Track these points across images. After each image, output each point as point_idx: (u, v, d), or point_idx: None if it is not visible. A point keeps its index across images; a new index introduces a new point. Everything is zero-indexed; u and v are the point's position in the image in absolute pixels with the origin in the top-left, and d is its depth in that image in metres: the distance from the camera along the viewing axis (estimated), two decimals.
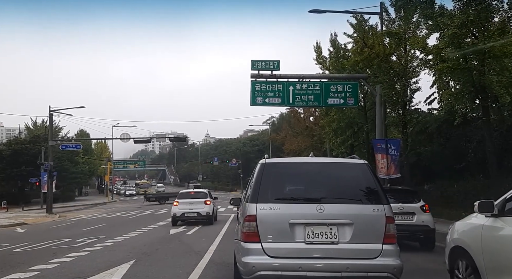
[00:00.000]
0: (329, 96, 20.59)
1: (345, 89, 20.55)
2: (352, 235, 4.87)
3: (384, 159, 18.36)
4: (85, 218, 28.56)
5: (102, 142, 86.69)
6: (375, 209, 4.97)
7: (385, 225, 4.91)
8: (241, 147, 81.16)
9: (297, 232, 4.90)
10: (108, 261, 8.87)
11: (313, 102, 21.05)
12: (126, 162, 73.94)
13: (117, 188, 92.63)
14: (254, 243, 4.91)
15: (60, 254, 10.29)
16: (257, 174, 5.36)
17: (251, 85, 20.84)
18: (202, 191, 19.84)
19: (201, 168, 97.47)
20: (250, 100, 20.93)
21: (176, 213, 18.02)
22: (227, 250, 9.61)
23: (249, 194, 5.32)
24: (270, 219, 4.95)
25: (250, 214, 4.99)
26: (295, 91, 20.73)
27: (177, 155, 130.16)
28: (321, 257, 4.84)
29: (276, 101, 20.85)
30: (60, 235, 16.06)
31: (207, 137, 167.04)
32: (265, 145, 73.13)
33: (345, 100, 20.58)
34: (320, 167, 5.65)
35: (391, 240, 4.93)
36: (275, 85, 20.76)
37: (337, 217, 4.92)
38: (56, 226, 22.20)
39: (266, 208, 4.97)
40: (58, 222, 25.12)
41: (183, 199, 18.44)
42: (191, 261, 8.68)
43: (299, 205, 5.08)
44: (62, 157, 60.18)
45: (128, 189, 78.82)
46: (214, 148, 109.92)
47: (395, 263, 4.82)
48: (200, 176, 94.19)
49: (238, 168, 70.94)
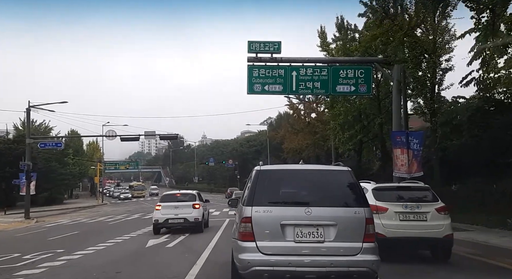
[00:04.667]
0: (338, 83, 17.84)
1: (357, 74, 17.79)
2: (336, 234, 5.35)
3: (404, 154, 15.55)
4: (63, 223, 25.68)
5: (94, 142, 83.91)
6: (357, 212, 5.46)
7: (365, 226, 5.40)
8: (238, 148, 78.28)
9: (288, 232, 5.38)
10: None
11: (320, 90, 18.24)
12: (118, 163, 70.45)
13: (110, 190, 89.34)
14: (249, 242, 5.37)
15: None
16: (252, 179, 5.84)
17: (247, 70, 18.04)
18: (190, 193, 16.85)
19: (196, 169, 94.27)
20: (247, 88, 18.15)
21: (158, 219, 15.06)
22: (216, 276, 7.17)
23: (245, 198, 5.80)
24: (263, 221, 5.40)
25: (246, 216, 5.45)
26: (299, 77, 17.97)
27: (172, 156, 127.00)
28: (308, 254, 5.30)
29: (277, 89, 18.05)
30: (14, 246, 13.22)
31: (204, 139, 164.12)
32: (263, 145, 70.32)
33: (357, 88, 17.83)
34: (308, 174, 6.17)
35: (370, 239, 5.40)
36: (275, 71, 17.98)
37: (323, 218, 5.40)
38: (23, 233, 19.27)
39: (260, 211, 5.44)
40: (29, 229, 22.20)
41: (167, 202, 15.51)
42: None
43: (290, 208, 5.53)
44: (50, 158, 57.29)
45: (123, 192, 74.21)
46: (211, 149, 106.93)
47: (374, 259, 5.31)
48: (196, 177, 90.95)
49: (235, 169, 68.09)
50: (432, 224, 8.36)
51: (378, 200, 8.61)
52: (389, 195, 8.89)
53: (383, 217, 8.36)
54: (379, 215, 8.21)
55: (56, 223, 26.17)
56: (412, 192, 9.10)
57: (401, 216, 8.42)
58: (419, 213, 8.44)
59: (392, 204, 8.57)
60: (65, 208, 48.02)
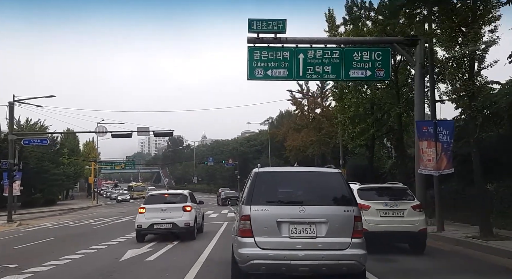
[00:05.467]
0: (351, 67, 15.59)
1: (373, 57, 15.54)
2: (327, 231, 5.81)
3: (432, 147, 13.22)
4: (46, 226, 23.41)
5: (91, 142, 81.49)
6: (346, 210, 5.94)
7: (353, 223, 5.87)
8: (238, 147, 75.88)
9: (283, 229, 5.84)
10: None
11: (330, 75, 15.95)
12: (114, 163, 68.00)
13: (107, 191, 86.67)
14: (248, 237, 5.83)
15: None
16: (251, 180, 6.34)
17: (248, 53, 15.79)
18: (180, 193, 14.36)
19: (196, 169, 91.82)
20: (247, 73, 15.88)
21: (141, 224, 12.66)
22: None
23: (244, 198, 6.27)
24: (261, 218, 5.87)
25: (245, 214, 5.93)
26: (307, 61, 15.70)
27: (172, 156, 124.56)
28: (302, 248, 5.76)
29: (282, 74, 15.77)
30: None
31: (204, 139, 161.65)
32: (264, 144, 68.02)
33: (373, 72, 15.59)
34: (302, 175, 6.66)
35: (358, 234, 5.88)
36: (279, 53, 15.73)
37: (315, 216, 5.86)
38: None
39: (258, 209, 5.91)
40: (4, 234, 19.87)
41: (152, 204, 13.15)
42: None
43: (285, 207, 6.02)
44: (43, 157, 55.02)
45: (120, 193, 71.09)
46: (211, 149, 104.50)
47: (361, 252, 5.79)
48: (195, 177, 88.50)
49: (235, 169, 65.67)
50: (409, 220, 9.59)
51: (362, 199, 9.54)
52: (372, 194, 10.12)
53: (366, 213, 9.27)
54: (362, 212, 8.46)
55: (39, 226, 23.90)
56: (392, 191, 10.46)
57: (382, 212, 9.64)
58: (397, 210, 9.68)
59: (374, 202, 9.76)
60: (57, 210, 45.77)
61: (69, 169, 64.89)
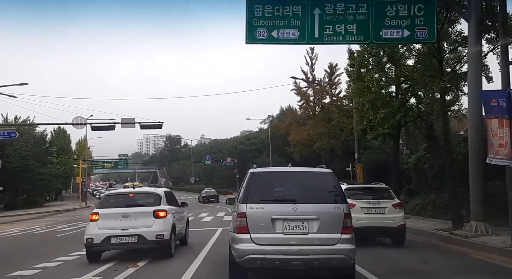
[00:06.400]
0: (383, 25, 11.95)
1: (413, 11, 11.87)
2: (319, 227, 6.17)
3: (505, 127, 9.46)
4: (8, 234, 19.67)
5: (83, 140, 77.58)
6: (336, 208, 6.30)
7: (343, 220, 6.23)
8: (237, 145, 72.09)
9: (277, 225, 6.18)
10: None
11: (356, 36, 12.17)
12: (104, 161, 64.12)
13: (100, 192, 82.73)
14: (244, 234, 6.18)
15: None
16: (247, 180, 6.66)
17: (246, 7, 12.10)
18: (151, 192, 10.10)
19: (193, 169, 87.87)
20: (245, 34, 12.13)
21: (92, 238, 8.72)
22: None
23: (241, 196, 6.54)
24: (256, 216, 6.22)
25: (241, 212, 6.26)
26: (324, 18, 12.02)
27: (169, 156, 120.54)
28: (295, 244, 6.14)
29: (291, 35, 12.07)
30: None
31: (203, 138, 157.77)
32: (264, 143, 64.34)
33: (413, 32, 11.94)
34: (295, 175, 6.99)
35: (348, 230, 6.25)
36: (288, 8, 12.03)
37: (308, 213, 6.21)
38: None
39: (254, 207, 6.25)
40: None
41: (109, 208, 9.22)
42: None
43: (279, 205, 6.36)
44: (27, 156, 51.16)
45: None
46: (209, 148, 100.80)
47: (350, 247, 6.18)
48: (193, 177, 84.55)
49: (234, 168, 61.86)
50: (389, 216, 10.95)
51: (348, 198, 9.14)
52: (357, 193, 11.51)
53: (352, 211, 8.76)
54: None
55: (1, 233, 20.12)
56: (375, 191, 11.86)
57: (365, 210, 10.96)
58: (379, 208, 11.02)
59: (358, 200, 11.02)
60: (40, 212, 41.92)
61: (57, 168, 61.14)
